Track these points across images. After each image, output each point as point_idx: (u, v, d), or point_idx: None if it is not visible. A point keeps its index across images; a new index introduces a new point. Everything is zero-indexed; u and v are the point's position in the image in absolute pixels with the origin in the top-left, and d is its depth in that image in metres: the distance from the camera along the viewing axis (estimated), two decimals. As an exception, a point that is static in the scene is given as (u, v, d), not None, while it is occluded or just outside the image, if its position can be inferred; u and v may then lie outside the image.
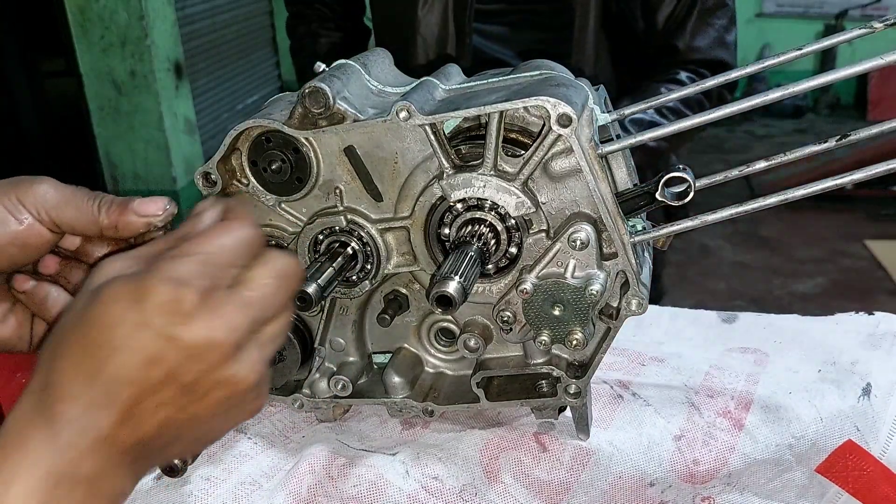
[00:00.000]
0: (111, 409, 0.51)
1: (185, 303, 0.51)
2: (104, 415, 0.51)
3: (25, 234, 0.66)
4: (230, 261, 0.55)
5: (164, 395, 0.52)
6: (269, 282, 0.56)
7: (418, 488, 0.83)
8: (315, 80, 0.72)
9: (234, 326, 0.52)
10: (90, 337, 0.51)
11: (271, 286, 0.56)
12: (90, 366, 0.51)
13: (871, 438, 0.85)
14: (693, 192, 0.71)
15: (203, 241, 0.55)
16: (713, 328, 1.13)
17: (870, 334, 1.05)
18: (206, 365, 0.52)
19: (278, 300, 0.57)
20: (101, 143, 4.46)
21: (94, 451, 0.51)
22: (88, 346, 0.51)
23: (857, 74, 0.68)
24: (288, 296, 0.58)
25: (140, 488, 0.84)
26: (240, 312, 0.53)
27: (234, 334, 0.52)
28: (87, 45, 4.22)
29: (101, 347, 0.51)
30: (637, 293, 0.75)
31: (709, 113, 0.72)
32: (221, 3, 4.99)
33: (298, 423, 0.95)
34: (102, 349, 0.50)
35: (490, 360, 0.85)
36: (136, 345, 0.50)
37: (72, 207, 0.67)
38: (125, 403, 0.51)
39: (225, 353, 0.52)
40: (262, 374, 0.55)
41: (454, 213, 0.76)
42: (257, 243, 0.57)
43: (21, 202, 0.66)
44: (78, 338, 0.52)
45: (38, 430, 0.51)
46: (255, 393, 0.55)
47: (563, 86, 0.72)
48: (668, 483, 0.83)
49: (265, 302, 0.55)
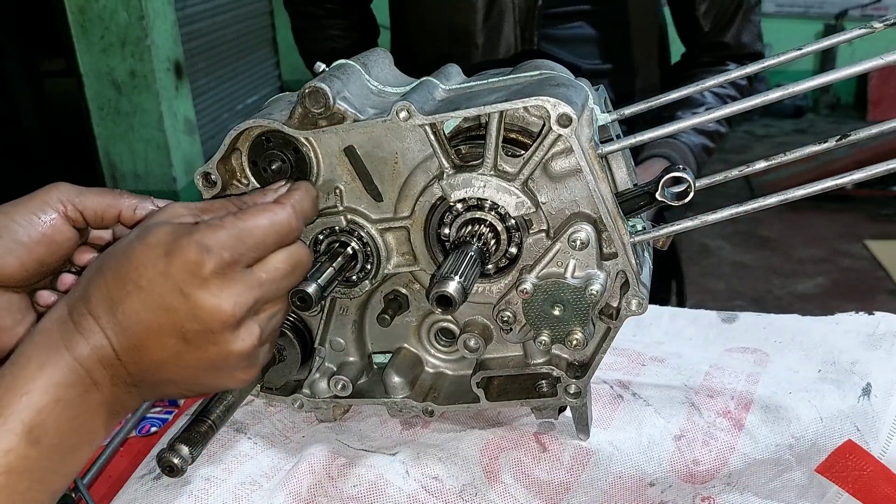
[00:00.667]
0: (122, 337, 0.59)
1: (204, 268, 0.58)
2: (116, 340, 0.59)
3: (51, 233, 0.70)
4: (258, 242, 0.63)
5: (167, 340, 0.59)
6: (281, 267, 0.64)
7: (418, 488, 0.83)
8: (315, 80, 0.72)
9: (240, 301, 0.60)
10: (124, 269, 0.59)
11: (281, 272, 0.64)
12: (117, 294, 0.59)
13: (871, 438, 0.85)
14: (693, 193, 0.71)
15: (244, 217, 0.63)
16: (713, 328, 1.13)
17: (870, 334, 1.05)
18: (207, 326, 0.59)
19: (284, 286, 0.65)
20: (101, 143, 4.46)
21: (104, 365, 0.59)
22: (119, 276, 0.59)
23: (857, 74, 0.68)
24: (294, 283, 0.67)
25: (140, 488, 0.84)
26: (249, 291, 0.61)
27: (238, 308, 0.60)
28: (87, 45, 4.22)
29: (128, 282, 0.59)
30: (637, 293, 0.75)
31: (709, 112, 0.72)
32: (221, 3, 4.99)
33: (298, 423, 0.95)
34: (128, 283, 0.59)
35: (490, 360, 0.85)
36: (156, 290, 0.58)
37: (94, 193, 0.72)
38: (134, 337, 0.59)
39: (225, 322, 0.59)
40: (255, 348, 0.62)
41: (454, 213, 0.76)
42: (291, 231, 0.66)
43: (46, 202, 0.70)
44: (116, 266, 0.60)
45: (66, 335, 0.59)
46: (245, 363, 0.63)
47: (563, 86, 0.72)
48: (668, 483, 0.83)
49: (273, 285, 0.64)
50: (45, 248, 0.70)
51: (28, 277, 0.71)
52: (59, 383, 0.57)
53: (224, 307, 0.59)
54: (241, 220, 0.63)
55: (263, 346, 0.66)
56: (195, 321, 0.59)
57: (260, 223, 0.63)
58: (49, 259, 0.71)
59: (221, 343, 0.60)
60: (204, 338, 0.60)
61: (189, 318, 0.59)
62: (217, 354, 0.61)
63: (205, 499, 0.82)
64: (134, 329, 0.59)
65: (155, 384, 0.62)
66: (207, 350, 0.60)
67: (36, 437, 0.55)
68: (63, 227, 0.70)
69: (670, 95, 0.77)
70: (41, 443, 0.56)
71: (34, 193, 0.71)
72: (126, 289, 0.58)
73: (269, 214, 0.64)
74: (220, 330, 0.60)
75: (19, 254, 0.68)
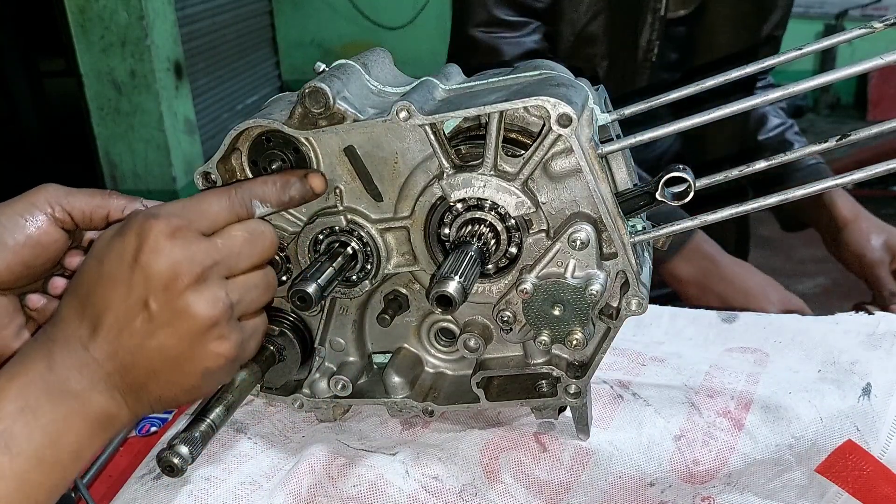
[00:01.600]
0: (94, 333, 0.59)
1: (154, 232, 0.58)
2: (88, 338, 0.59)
3: (38, 235, 0.70)
4: (207, 210, 0.64)
5: (135, 322, 0.59)
6: (238, 234, 0.65)
7: (418, 488, 0.83)
8: (315, 79, 0.72)
9: (195, 260, 0.60)
10: (86, 267, 0.60)
11: (240, 238, 0.65)
12: (83, 293, 0.60)
13: (871, 438, 0.85)
14: (693, 192, 0.71)
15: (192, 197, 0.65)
16: (713, 328, 1.13)
17: (870, 334, 1.04)
18: (168, 293, 0.59)
19: (246, 252, 0.65)
20: (100, 143, 4.46)
21: (80, 371, 0.58)
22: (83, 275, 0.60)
23: (857, 74, 0.68)
24: (258, 252, 0.66)
25: (140, 488, 0.84)
26: (204, 251, 0.61)
27: (195, 266, 0.59)
28: (87, 45, 4.22)
29: (91, 276, 0.60)
30: (637, 293, 0.75)
31: (709, 112, 0.71)
32: (221, 3, 4.99)
33: (298, 423, 0.95)
34: (91, 278, 0.59)
35: (490, 360, 0.85)
36: (115, 272, 0.59)
37: (82, 194, 0.72)
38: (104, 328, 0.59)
39: (185, 283, 0.59)
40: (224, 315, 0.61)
41: (454, 213, 0.76)
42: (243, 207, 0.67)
43: (33, 204, 0.70)
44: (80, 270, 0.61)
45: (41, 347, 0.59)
46: (217, 333, 0.61)
47: (563, 86, 0.72)
48: (668, 483, 0.83)
49: (232, 250, 0.64)
50: (31, 250, 0.69)
51: (15, 280, 0.70)
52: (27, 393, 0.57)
53: (179, 265, 0.59)
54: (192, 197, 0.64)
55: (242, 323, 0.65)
56: (157, 291, 0.58)
57: (208, 196, 0.65)
58: (36, 262, 0.70)
59: (185, 309, 0.59)
60: (168, 307, 0.59)
61: (149, 288, 0.58)
62: (184, 325, 0.59)
63: (205, 499, 0.82)
64: (103, 320, 0.58)
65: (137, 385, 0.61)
66: (174, 323, 0.59)
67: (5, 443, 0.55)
68: (50, 229, 0.70)
69: (670, 95, 0.77)
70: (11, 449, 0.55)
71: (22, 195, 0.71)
72: (89, 283, 0.59)
73: (219, 191, 0.66)
74: (181, 293, 0.59)
75: (5, 256, 0.68)
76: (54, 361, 0.58)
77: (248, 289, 0.65)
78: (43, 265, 0.72)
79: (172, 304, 0.59)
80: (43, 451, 0.57)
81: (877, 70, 0.67)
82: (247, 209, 0.67)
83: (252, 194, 0.68)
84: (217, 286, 0.61)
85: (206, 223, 0.63)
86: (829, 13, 6.04)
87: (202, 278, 0.60)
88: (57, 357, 0.58)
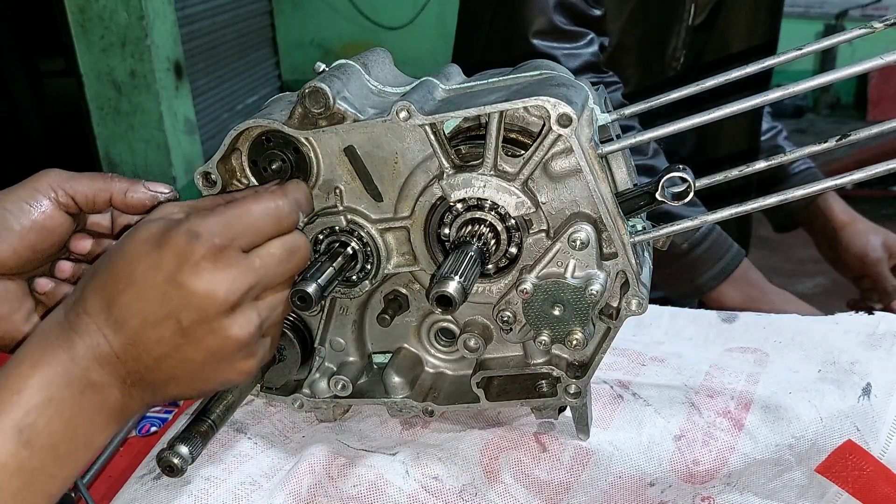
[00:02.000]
0: (119, 333, 0.58)
1: (194, 254, 0.58)
2: (113, 337, 0.58)
3: (43, 219, 0.70)
4: (251, 226, 0.62)
5: (163, 332, 0.58)
6: (276, 252, 0.63)
7: (418, 488, 0.83)
8: (315, 79, 0.72)
9: (234, 287, 0.59)
10: (117, 266, 0.59)
11: (277, 257, 0.63)
12: (111, 291, 0.58)
13: (871, 438, 0.85)
14: (693, 193, 0.71)
15: (237, 205, 0.62)
16: (713, 328, 1.13)
17: (870, 334, 1.04)
18: (203, 314, 0.58)
19: (282, 271, 0.64)
20: (101, 143, 4.46)
21: (101, 365, 0.58)
22: (113, 274, 0.59)
23: (857, 74, 0.68)
24: (293, 270, 0.66)
25: (140, 488, 0.84)
26: (243, 275, 0.60)
27: (232, 293, 0.59)
28: (87, 45, 4.22)
29: (122, 278, 0.58)
30: (637, 293, 0.75)
31: (709, 113, 0.71)
32: (221, 3, 4.99)
33: (298, 423, 0.95)
34: (122, 280, 0.58)
35: (490, 360, 0.85)
36: (149, 282, 0.58)
37: (84, 178, 0.72)
38: (130, 332, 0.58)
39: (221, 308, 0.58)
40: (254, 336, 0.61)
41: (454, 213, 0.76)
42: (285, 218, 0.65)
43: (36, 189, 0.70)
44: (109, 265, 0.60)
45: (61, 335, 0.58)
46: (245, 353, 0.62)
47: (563, 86, 0.72)
48: (668, 483, 0.83)
49: (269, 270, 0.62)
50: (36, 234, 0.70)
51: (22, 264, 0.71)
52: (52, 383, 0.56)
53: (218, 291, 0.58)
54: (233, 206, 0.62)
55: (264, 339, 0.65)
56: (190, 309, 0.58)
57: (252, 208, 0.63)
58: (42, 245, 0.71)
59: (218, 330, 0.59)
60: (200, 327, 0.59)
61: (183, 306, 0.58)
62: (215, 343, 0.59)
63: (205, 499, 0.82)
64: (130, 324, 0.58)
65: (156, 384, 0.61)
66: (205, 340, 0.59)
67: (27, 438, 0.55)
68: (54, 213, 0.70)
69: (670, 95, 0.77)
70: (33, 444, 0.55)
71: (24, 181, 0.71)
72: (119, 285, 0.58)
73: (263, 200, 0.64)
74: (216, 316, 0.59)
75: (11, 241, 0.68)
76: (76, 352, 0.58)
77: (276, 306, 0.65)
78: (49, 249, 0.72)
79: (205, 326, 0.59)
80: (60, 444, 0.57)
81: (877, 70, 0.67)
82: (293, 221, 0.66)
83: (298, 205, 0.67)
84: (250, 309, 0.61)
85: (248, 240, 0.62)
86: (829, 13, 6.04)
87: (238, 303, 0.60)
88: (79, 348, 0.58)
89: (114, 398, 0.59)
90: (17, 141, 5.26)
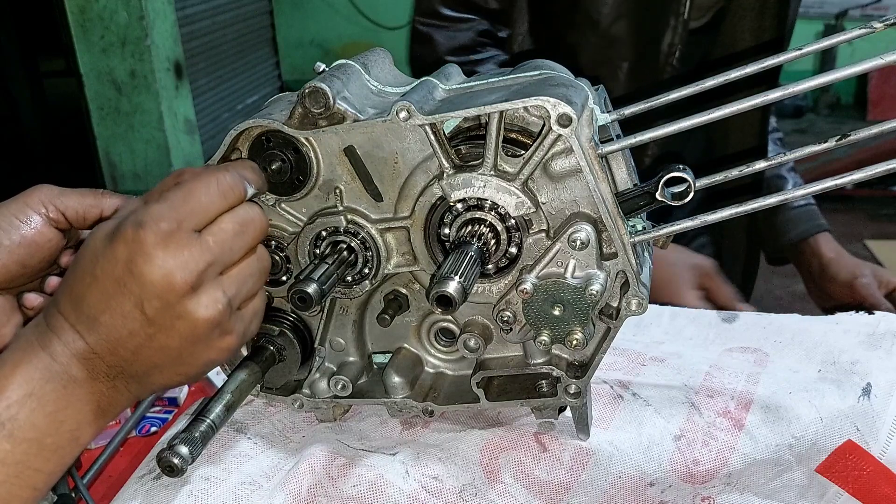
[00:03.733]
0: (91, 331, 0.58)
1: (145, 243, 0.57)
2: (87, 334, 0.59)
3: (32, 235, 0.70)
4: (198, 205, 0.61)
5: (132, 324, 0.58)
6: (228, 227, 0.63)
7: (418, 488, 0.83)
8: (315, 79, 0.72)
9: (190, 268, 0.59)
10: (80, 266, 0.59)
11: (231, 231, 0.63)
12: (78, 290, 0.59)
13: (871, 438, 0.85)
14: (693, 193, 0.71)
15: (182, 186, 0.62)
16: (713, 328, 1.13)
17: (870, 334, 1.04)
18: (164, 300, 0.58)
19: (238, 245, 0.63)
20: (101, 143, 4.45)
21: (81, 362, 0.59)
22: (78, 274, 0.59)
23: (857, 74, 0.68)
24: (249, 242, 0.65)
25: (140, 488, 0.84)
26: (197, 255, 0.59)
27: (189, 274, 0.58)
28: (87, 45, 4.21)
29: (85, 276, 0.59)
30: (637, 293, 0.75)
31: (709, 113, 0.71)
32: (221, 3, 4.98)
33: (298, 423, 0.95)
34: (86, 278, 0.59)
35: (490, 360, 0.85)
36: (108, 277, 0.58)
37: (75, 194, 0.72)
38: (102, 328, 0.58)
39: (181, 291, 0.58)
40: (223, 314, 0.61)
41: (454, 213, 0.76)
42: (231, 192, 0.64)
43: (27, 205, 0.70)
44: (74, 266, 0.60)
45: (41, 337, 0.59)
46: (220, 330, 0.62)
47: (563, 86, 0.72)
48: (668, 483, 0.83)
49: (224, 246, 0.62)
50: (25, 249, 0.70)
51: (11, 279, 0.71)
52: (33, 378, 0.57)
53: (174, 275, 0.58)
54: (176, 190, 0.62)
55: (240, 313, 0.65)
56: (152, 298, 0.58)
57: (195, 188, 0.62)
58: (31, 261, 0.71)
59: (185, 314, 0.59)
60: (166, 313, 0.58)
61: (145, 296, 0.58)
62: (185, 327, 0.59)
63: (205, 499, 0.82)
64: (100, 320, 0.58)
65: (139, 375, 0.61)
66: (175, 325, 0.59)
67: (9, 430, 0.55)
68: (44, 228, 0.70)
69: (670, 95, 0.77)
70: (15, 436, 0.55)
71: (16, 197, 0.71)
72: (84, 282, 0.59)
73: (204, 178, 0.63)
74: (178, 300, 0.58)
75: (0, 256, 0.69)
76: (55, 352, 0.58)
77: (245, 279, 0.64)
78: (38, 265, 0.72)
79: (170, 311, 0.59)
80: (45, 438, 0.57)
81: (877, 70, 0.67)
82: (239, 193, 0.65)
83: (243, 178, 0.66)
84: (213, 287, 0.61)
85: (196, 220, 0.61)
86: (829, 13, 6.04)
87: (198, 283, 0.59)
88: (56, 346, 0.58)
89: (99, 392, 0.60)
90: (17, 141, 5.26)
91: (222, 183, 0.63)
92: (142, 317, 0.58)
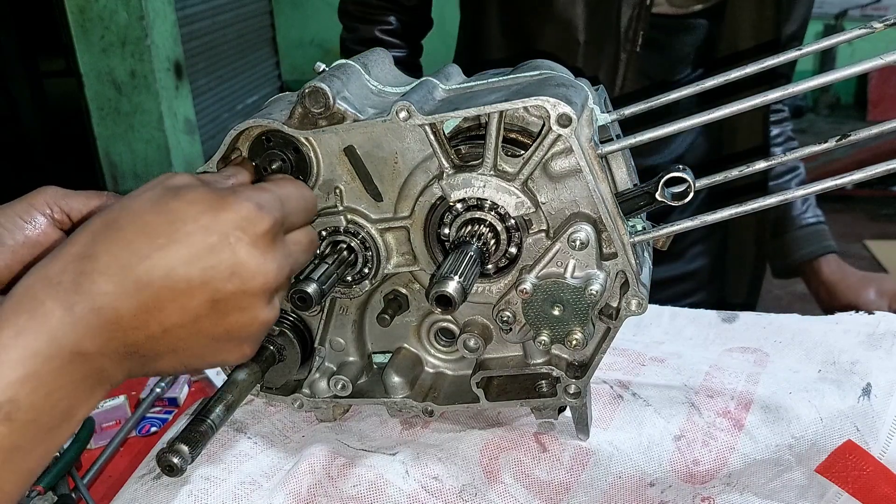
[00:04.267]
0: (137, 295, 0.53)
1: (259, 225, 0.55)
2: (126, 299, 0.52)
3: (37, 236, 0.69)
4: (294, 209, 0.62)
5: (190, 301, 0.54)
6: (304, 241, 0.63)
7: (418, 488, 0.83)
8: (315, 79, 0.72)
9: (282, 268, 0.58)
10: (153, 224, 0.54)
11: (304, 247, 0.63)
12: (140, 250, 0.53)
13: (871, 438, 0.85)
14: (693, 193, 0.71)
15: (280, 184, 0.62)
16: (713, 328, 1.13)
17: (870, 334, 1.05)
18: (244, 287, 0.55)
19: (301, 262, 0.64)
20: (101, 143, 4.45)
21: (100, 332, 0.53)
22: (148, 232, 0.54)
23: (857, 74, 0.68)
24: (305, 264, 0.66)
25: (140, 488, 0.84)
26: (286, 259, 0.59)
27: (280, 274, 0.57)
28: (87, 45, 4.21)
29: (161, 236, 0.53)
30: (637, 293, 0.75)
31: (709, 113, 0.71)
32: (221, 3, 4.98)
33: (298, 423, 0.95)
34: (160, 237, 0.53)
35: (490, 360, 0.85)
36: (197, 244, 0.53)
37: (80, 196, 0.71)
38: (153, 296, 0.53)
39: (264, 286, 0.56)
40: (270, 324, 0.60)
41: (454, 213, 0.76)
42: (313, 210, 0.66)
43: (32, 206, 0.70)
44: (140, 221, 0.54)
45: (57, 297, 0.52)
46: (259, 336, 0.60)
47: (563, 86, 0.72)
48: (668, 483, 0.83)
49: (299, 259, 0.62)
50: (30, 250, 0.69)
51: (15, 280, 0.71)
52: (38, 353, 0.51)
53: (269, 270, 0.56)
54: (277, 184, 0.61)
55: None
56: (234, 280, 0.55)
57: (293, 192, 0.62)
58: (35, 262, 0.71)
59: (250, 309, 0.56)
60: (235, 301, 0.55)
61: (228, 275, 0.54)
62: (239, 321, 0.57)
63: (205, 498, 0.82)
64: (156, 286, 0.53)
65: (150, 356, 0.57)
66: (230, 315, 0.56)
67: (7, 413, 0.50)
68: (49, 230, 0.70)
69: (670, 95, 0.77)
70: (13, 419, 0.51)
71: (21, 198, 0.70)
72: (156, 242, 0.53)
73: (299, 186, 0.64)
74: (256, 293, 0.56)
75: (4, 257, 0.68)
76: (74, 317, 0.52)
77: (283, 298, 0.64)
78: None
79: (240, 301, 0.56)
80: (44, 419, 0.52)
81: (877, 70, 0.67)
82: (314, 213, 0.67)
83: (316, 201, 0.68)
84: (281, 297, 0.60)
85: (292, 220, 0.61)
86: (828, 13, 6.04)
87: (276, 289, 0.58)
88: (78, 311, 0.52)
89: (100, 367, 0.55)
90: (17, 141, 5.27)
91: (309, 199, 0.64)
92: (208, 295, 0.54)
